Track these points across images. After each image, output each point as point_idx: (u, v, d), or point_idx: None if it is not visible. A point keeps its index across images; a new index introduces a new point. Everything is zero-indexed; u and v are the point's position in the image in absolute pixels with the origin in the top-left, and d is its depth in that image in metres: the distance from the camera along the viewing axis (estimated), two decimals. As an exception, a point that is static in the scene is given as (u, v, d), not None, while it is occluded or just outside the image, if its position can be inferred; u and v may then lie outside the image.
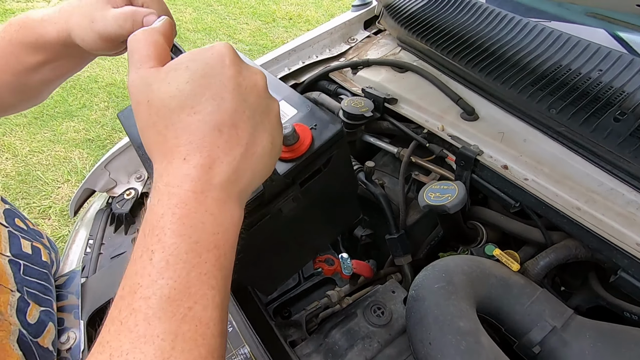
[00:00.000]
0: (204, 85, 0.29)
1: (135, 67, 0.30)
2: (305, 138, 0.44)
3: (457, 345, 0.45)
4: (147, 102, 0.29)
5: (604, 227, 0.53)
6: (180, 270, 0.27)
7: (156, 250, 0.27)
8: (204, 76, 0.29)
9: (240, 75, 0.30)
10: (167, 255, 0.27)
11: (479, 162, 0.64)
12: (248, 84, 0.30)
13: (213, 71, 0.29)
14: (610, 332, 0.49)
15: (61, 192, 2.01)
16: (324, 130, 0.45)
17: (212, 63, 0.30)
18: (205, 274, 0.27)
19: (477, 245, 0.66)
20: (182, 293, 0.26)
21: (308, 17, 3.50)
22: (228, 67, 0.30)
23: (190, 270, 0.27)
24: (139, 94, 0.30)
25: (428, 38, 0.80)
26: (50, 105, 2.45)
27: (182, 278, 0.27)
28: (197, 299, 0.27)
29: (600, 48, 0.64)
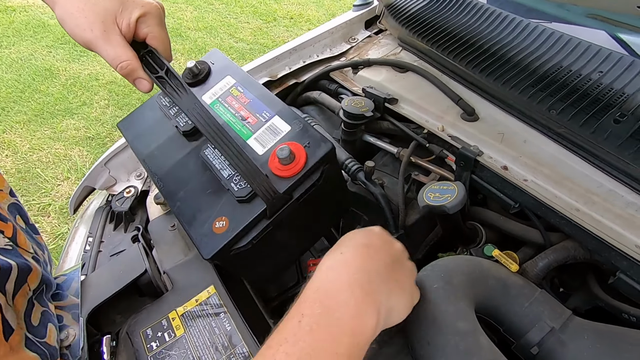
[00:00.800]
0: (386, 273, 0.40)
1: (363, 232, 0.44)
2: (300, 157, 0.49)
3: (455, 345, 0.45)
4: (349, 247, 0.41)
5: (603, 228, 0.53)
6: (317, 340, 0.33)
7: (305, 315, 0.34)
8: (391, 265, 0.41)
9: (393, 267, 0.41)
10: (312, 323, 0.33)
11: (478, 162, 0.64)
12: (399, 275, 0.42)
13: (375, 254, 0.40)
14: (609, 334, 0.49)
15: (61, 190, 2.01)
16: (316, 149, 0.50)
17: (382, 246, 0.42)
18: (336, 354, 0.33)
19: (476, 246, 0.66)
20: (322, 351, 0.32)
21: (309, 16, 3.50)
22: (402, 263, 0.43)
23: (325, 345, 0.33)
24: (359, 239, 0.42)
25: (429, 38, 0.80)
26: (50, 102, 2.45)
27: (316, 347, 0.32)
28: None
29: (601, 49, 0.64)
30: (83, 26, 0.45)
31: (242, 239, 0.49)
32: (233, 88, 0.60)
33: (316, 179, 0.50)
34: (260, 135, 0.54)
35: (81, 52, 2.88)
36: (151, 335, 0.57)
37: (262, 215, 0.49)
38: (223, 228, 0.49)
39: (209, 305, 0.60)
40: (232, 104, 0.59)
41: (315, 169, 0.50)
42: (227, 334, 0.57)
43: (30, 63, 2.72)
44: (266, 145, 0.53)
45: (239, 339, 0.56)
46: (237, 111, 0.58)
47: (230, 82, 0.61)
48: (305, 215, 0.53)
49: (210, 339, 0.56)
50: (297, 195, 0.50)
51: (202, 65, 0.63)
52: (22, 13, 3.13)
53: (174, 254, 0.69)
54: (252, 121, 0.56)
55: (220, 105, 0.59)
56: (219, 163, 0.54)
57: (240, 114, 0.57)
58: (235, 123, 0.57)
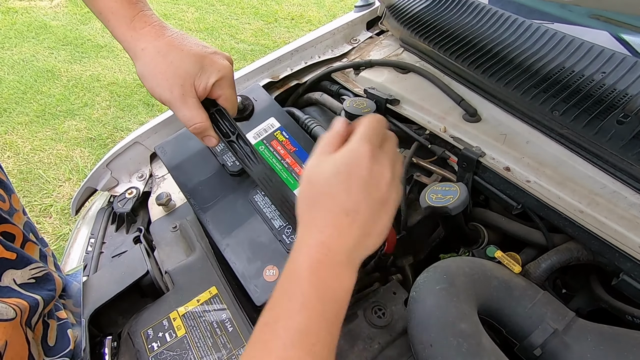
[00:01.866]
0: (342, 180, 0.38)
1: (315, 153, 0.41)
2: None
3: (458, 347, 0.45)
4: (308, 182, 0.40)
5: (606, 229, 0.53)
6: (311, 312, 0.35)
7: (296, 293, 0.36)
8: (345, 172, 0.39)
9: (370, 175, 0.39)
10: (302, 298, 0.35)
11: (481, 163, 0.63)
12: (374, 182, 0.39)
13: (352, 170, 0.39)
14: (612, 335, 0.49)
15: (62, 191, 2.01)
16: None
17: (353, 161, 0.39)
18: (327, 320, 0.36)
19: (478, 247, 0.66)
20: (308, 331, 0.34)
21: (310, 17, 3.50)
22: (363, 168, 0.39)
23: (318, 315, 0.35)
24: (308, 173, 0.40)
25: (431, 39, 0.80)
26: (52, 104, 2.46)
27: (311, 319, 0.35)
28: (319, 338, 0.35)
29: (604, 50, 0.64)
30: (163, 87, 0.48)
31: None
32: (278, 132, 0.63)
33: None
34: None
35: (83, 53, 2.89)
36: (152, 335, 0.57)
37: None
38: (274, 277, 0.53)
39: (210, 305, 0.60)
40: (278, 150, 0.62)
41: None
42: (229, 334, 0.57)
43: (32, 64, 2.73)
44: None
45: (240, 340, 0.56)
46: (283, 158, 0.61)
47: (275, 124, 0.64)
48: None
49: (211, 340, 0.56)
50: None
51: (247, 101, 0.65)
52: (24, 15, 3.14)
53: (176, 255, 0.69)
54: (298, 171, 0.59)
55: (265, 148, 0.62)
56: (269, 212, 0.58)
57: (287, 162, 0.60)
58: (282, 170, 0.60)
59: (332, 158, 0.40)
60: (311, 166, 0.41)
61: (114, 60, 2.86)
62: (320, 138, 0.42)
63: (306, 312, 0.35)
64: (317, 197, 0.39)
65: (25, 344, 0.41)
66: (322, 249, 0.37)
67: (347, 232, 0.38)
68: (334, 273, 0.37)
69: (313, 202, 0.39)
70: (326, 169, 0.40)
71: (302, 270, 0.37)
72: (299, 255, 0.38)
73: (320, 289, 0.36)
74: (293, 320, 0.34)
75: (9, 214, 0.50)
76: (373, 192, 0.39)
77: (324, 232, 0.38)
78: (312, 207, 0.39)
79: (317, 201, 0.39)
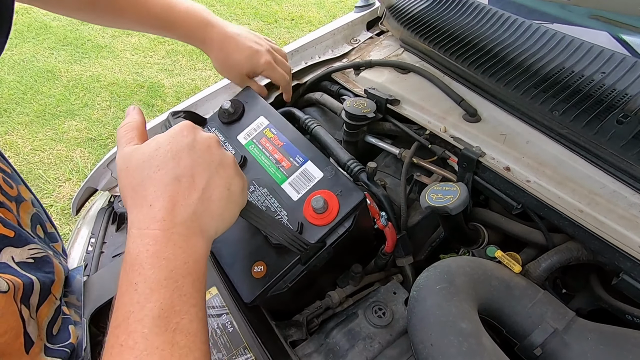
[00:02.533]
0: (167, 150, 0.37)
1: (121, 146, 0.39)
2: (333, 207, 0.53)
3: (458, 346, 0.45)
4: (126, 168, 0.37)
5: (606, 229, 0.53)
6: (164, 293, 0.32)
7: (139, 281, 0.32)
8: (168, 144, 0.38)
9: (194, 140, 0.39)
10: (149, 283, 0.32)
11: (481, 163, 0.63)
12: (202, 146, 0.39)
13: (173, 139, 0.38)
14: (612, 335, 0.49)
15: (62, 191, 2.01)
16: (348, 198, 0.54)
17: (173, 134, 0.39)
18: (185, 295, 0.33)
19: (478, 247, 0.66)
20: (170, 311, 0.31)
21: (310, 17, 3.51)
22: (185, 136, 0.39)
23: (172, 293, 0.32)
24: (122, 163, 0.38)
25: (431, 39, 0.80)
26: (52, 104, 2.46)
27: (166, 299, 0.32)
28: (183, 314, 0.32)
29: (604, 50, 0.64)
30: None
31: (279, 284, 0.53)
32: (267, 129, 0.64)
33: (348, 226, 0.53)
34: (294, 181, 0.58)
35: (83, 53, 2.89)
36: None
37: (298, 262, 0.53)
38: (261, 273, 0.53)
39: (210, 306, 0.60)
40: (267, 146, 0.62)
41: (347, 217, 0.53)
42: (229, 334, 0.57)
43: (32, 65, 2.73)
44: (300, 191, 0.57)
45: (241, 340, 0.56)
46: (271, 154, 0.61)
47: (264, 122, 0.64)
48: (338, 257, 0.57)
49: (212, 340, 0.56)
50: (330, 242, 0.53)
51: (237, 105, 0.67)
52: (25, 15, 3.14)
53: (176, 255, 0.69)
54: (286, 165, 0.59)
55: (254, 146, 0.63)
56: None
57: (275, 157, 0.61)
58: (270, 166, 0.60)
59: (146, 143, 0.38)
60: (124, 155, 0.38)
61: (114, 61, 2.86)
62: (117, 132, 0.41)
63: (157, 296, 0.32)
64: (141, 177, 0.36)
65: (19, 320, 0.41)
66: (156, 225, 0.34)
67: (182, 199, 0.35)
68: (176, 247, 0.34)
69: (137, 183, 0.36)
70: (143, 150, 0.37)
71: (140, 255, 0.33)
72: (132, 241, 0.34)
73: (165, 267, 0.33)
74: (145, 309, 0.31)
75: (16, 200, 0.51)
76: (204, 154, 0.38)
77: (155, 205, 0.35)
78: (137, 188, 0.36)
79: (142, 181, 0.36)
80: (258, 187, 0.59)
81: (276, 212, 0.56)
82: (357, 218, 0.54)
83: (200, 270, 0.35)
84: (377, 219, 0.63)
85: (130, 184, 0.37)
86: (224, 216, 0.39)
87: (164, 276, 0.33)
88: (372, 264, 0.71)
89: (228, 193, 0.39)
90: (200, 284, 0.35)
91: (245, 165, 0.62)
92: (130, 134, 0.40)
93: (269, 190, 0.58)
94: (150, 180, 0.36)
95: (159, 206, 0.35)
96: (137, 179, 0.36)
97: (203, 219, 0.37)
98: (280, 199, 0.57)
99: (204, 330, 0.34)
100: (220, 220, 0.38)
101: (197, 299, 0.34)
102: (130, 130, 0.41)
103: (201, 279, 0.35)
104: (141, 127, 0.42)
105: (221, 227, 0.39)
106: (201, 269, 0.35)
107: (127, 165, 0.37)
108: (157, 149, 0.37)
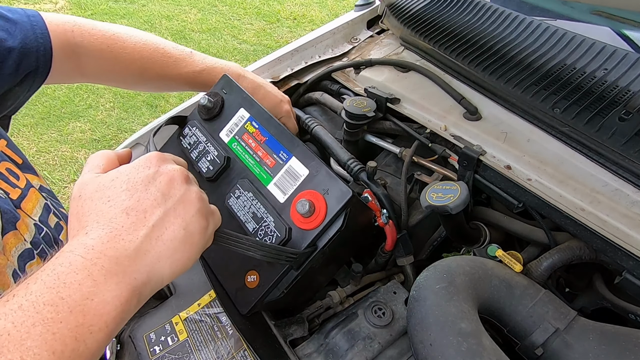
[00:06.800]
0: (124, 181, 0.34)
1: (83, 172, 0.37)
2: (321, 209, 0.50)
3: (458, 346, 0.45)
4: (78, 197, 0.35)
5: (608, 228, 0.52)
6: (27, 318, 0.25)
7: (18, 294, 0.27)
8: (127, 174, 0.35)
9: (157, 172, 0.36)
10: (23, 300, 0.26)
11: (481, 162, 0.63)
12: (164, 179, 0.35)
13: (134, 171, 0.35)
14: (615, 334, 0.48)
15: (68, 192, 2.02)
16: (336, 196, 0.51)
17: (136, 165, 0.36)
18: (54, 334, 0.26)
19: (479, 246, 0.66)
20: (14, 342, 0.24)
21: (312, 17, 3.50)
22: (147, 167, 0.36)
23: (37, 323, 0.25)
24: (76, 191, 0.35)
25: (431, 38, 0.80)
26: (56, 106, 2.48)
27: (23, 326, 0.25)
28: (27, 356, 0.24)
29: (606, 47, 0.64)
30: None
31: (274, 291, 0.53)
32: (248, 123, 0.61)
33: (340, 226, 0.51)
34: (279, 181, 0.56)
35: (87, 55, 2.90)
36: (154, 339, 0.57)
37: (290, 267, 0.52)
38: (255, 282, 0.52)
39: (211, 309, 0.60)
40: (249, 143, 0.60)
41: (337, 217, 0.51)
42: (230, 337, 0.57)
43: (37, 67, 2.75)
44: (286, 192, 0.54)
45: (240, 343, 0.56)
46: (254, 152, 0.59)
47: (245, 115, 0.61)
48: (332, 256, 0.55)
49: (212, 343, 0.56)
50: (321, 245, 0.51)
51: (215, 97, 0.63)
52: (29, 17, 3.16)
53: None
54: (270, 163, 0.57)
55: (237, 144, 0.60)
56: (243, 215, 0.56)
57: (258, 155, 0.58)
58: (254, 165, 0.58)
59: (107, 173, 0.36)
60: (81, 183, 0.36)
61: (117, 62, 2.87)
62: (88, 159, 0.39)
63: (20, 317, 0.25)
64: (88, 208, 0.33)
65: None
66: (80, 250, 0.30)
67: (125, 234, 0.31)
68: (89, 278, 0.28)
69: (83, 213, 0.33)
70: (100, 180, 0.35)
71: (43, 273, 0.28)
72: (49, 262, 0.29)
73: (61, 293, 0.27)
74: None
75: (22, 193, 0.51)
76: (163, 188, 0.35)
77: (90, 234, 0.31)
78: (81, 218, 0.33)
79: (88, 211, 0.33)
80: (243, 192, 0.56)
81: (263, 219, 0.54)
82: (351, 214, 0.52)
83: (102, 318, 0.28)
84: (378, 217, 0.62)
85: (77, 214, 0.34)
86: (174, 258, 0.34)
87: (46, 301, 0.26)
88: (373, 263, 0.70)
89: (184, 233, 0.34)
90: (87, 333, 0.27)
91: (229, 167, 0.60)
92: (97, 161, 0.38)
93: (254, 194, 0.56)
94: (96, 212, 0.33)
95: (95, 236, 0.31)
96: (84, 209, 0.34)
97: (146, 259, 0.32)
98: (266, 204, 0.54)
99: None
100: (169, 263, 0.33)
101: (64, 348, 0.26)
102: (99, 158, 0.39)
103: (94, 329, 0.28)
104: (113, 159, 0.39)
105: (168, 272, 0.34)
106: (105, 317, 0.28)
107: (80, 194, 0.35)
108: (113, 179, 0.35)
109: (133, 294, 0.31)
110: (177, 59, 0.68)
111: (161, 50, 0.67)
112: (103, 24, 0.66)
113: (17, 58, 0.54)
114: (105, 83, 0.74)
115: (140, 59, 0.66)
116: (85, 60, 0.64)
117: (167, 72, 0.68)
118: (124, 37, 0.65)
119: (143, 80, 0.70)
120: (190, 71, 0.69)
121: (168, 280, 0.34)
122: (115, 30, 0.65)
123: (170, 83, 0.71)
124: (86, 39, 0.62)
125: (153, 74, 0.68)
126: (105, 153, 0.39)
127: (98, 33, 0.64)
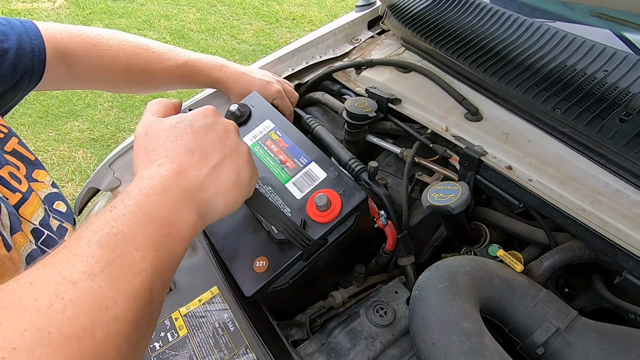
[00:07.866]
0: (188, 125, 0.39)
1: (145, 116, 0.42)
2: (336, 205, 0.54)
3: (461, 345, 0.45)
4: (145, 135, 0.39)
5: (609, 228, 0.52)
6: (132, 223, 0.31)
7: (118, 206, 0.32)
8: (190, 120, 0.40)
9: (215, 122, 0.41)
10: (126, 210, 0.31)
11: (482, 162, 0.63)
12: (221, 128, 0.41)
13: (196, 117, 0.40)
14: (615, 334, 0.49)
15: (65, 191, 2.01)
16: (351, 197, 0.55)
17: (197, 113, 0.41)
18: (153, 237, 0.31)
19: (480, 246, 0.66)
20: (127, 239, 0.30)
21: (311, 17, 3.51)
22: (207, 117, 0.41)
23: (140, 228, 0.31)
24: (141, 129, 0.40)
25: (432, 38, 0.80)
26: (54, 105, 2.47)
27: (130, 229, 0.30)
28: (137, 250, 0.30)
29: (606, 48, 0.64)
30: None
31: (280, 279, 0.54)
32: (272, 132, 0.65)
33: (350, 225, 0.55)
34: (298, 180, 0.59)
35: (85, 54, 2.89)
36: (154, 335, 0.57)
37: (299, 257, 0.53)
38: (263, 268, 0.53)
39: (212, 305, 0.60)
40: (272, 148, 0.63)
41: (349, 216, 0.54)
42: (231, 334, 0.57)
43: (34, 66, 2.73)
44: (303, 190, 0.58)
45: (242, 339, 0.56)
46: (276, 155, 0.62)
47: (270, 125, 0.66)
48: (339, 255, 0.57)
49: (213, 339, 0.56)
50: (331, 240, 0.54)
51: (244, 108, 0.68)
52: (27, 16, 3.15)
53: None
54: (290, 165, 0.61)
55: (260, 147, 0.64)
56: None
57: (279, 158, 0.62)
58: (275, 166, 0.61)
59: (169, 117, 0.40)
60: (146, 124, 0.40)
61: (116, 61, 2.86)
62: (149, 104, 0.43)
63: (126, 220, 0.31)
64: (157, 144, 0.38)
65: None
66: (158, 178, 0.34)
67: (190, 170, 0.36)
68: (168, 201, 0.33)
69: (152, 148, 0.38)
70: (166, 122, 0.39)
71: (131, 192, 0.33)
72: (132, 186, 0.34)
73: (149, 208, 0.32)
74: (109, 225, 0.30)
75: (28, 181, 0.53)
76: (221, 136, 0.40)
77: (163, 166, 0.36)
78: (150, 153, 0.37)
79: (157, 147, 0.37)
80: (262, 185, 0.59)
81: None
82: (359, 218, 0.55)
83: (179, 236, 0.33)
84: (377, 218, 0.63)
85: (145, 149, 0.38)
86: (227, 197, 0.39)
87: (144, 212, 0.32)
88: (374, 263, 0.71)
89: (236, 177, 0.39)
90: (168, 247, 0.32)
91: None
92: (158, 106, 0.43)
93: (273, 188, 0.59)
94: (165, 147, 0.37)
95: (167, 168, 0.36)
96: (152, 145, 0.38)
97: (207, 193, 0.37)
98: (283, 197, 0.57)
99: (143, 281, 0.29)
100: (223, 200, 0.38)
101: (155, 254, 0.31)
102: (159, 104, 0.43)
103: (174, 244, 0.33)
104: (170, 106, 0.44)
105: (222, 208, 0.39)
106: (181, 236, 0.34)
107: (145, 132, 0.39)
108: (178, 122, 0.39)
109: (199, 219, 0.36)
110: (161, 54, 0.72)
111: (144, 46, 0.71)
112: (90, 28, 0.70)
113: (14, 58, 0.56)
114: (95, 86, 0.77)
115: (125, 56, 0.69)
116: (74, 62, 0.67)
117: (152, 67, 0.71)
118: (108, 37, 0.70)
119: (130, 79, 0.72)
120: (174, 64, 0.72)
121: (220, 215, 0.39)
122: (99, 32, 0.70)
123: (156, 79, 0.74)
124: (74, 41, 0.66)
125: (139, 70, 0.71)
126: (164, 100, 0.44)
127: (84, 35, 0.68)
